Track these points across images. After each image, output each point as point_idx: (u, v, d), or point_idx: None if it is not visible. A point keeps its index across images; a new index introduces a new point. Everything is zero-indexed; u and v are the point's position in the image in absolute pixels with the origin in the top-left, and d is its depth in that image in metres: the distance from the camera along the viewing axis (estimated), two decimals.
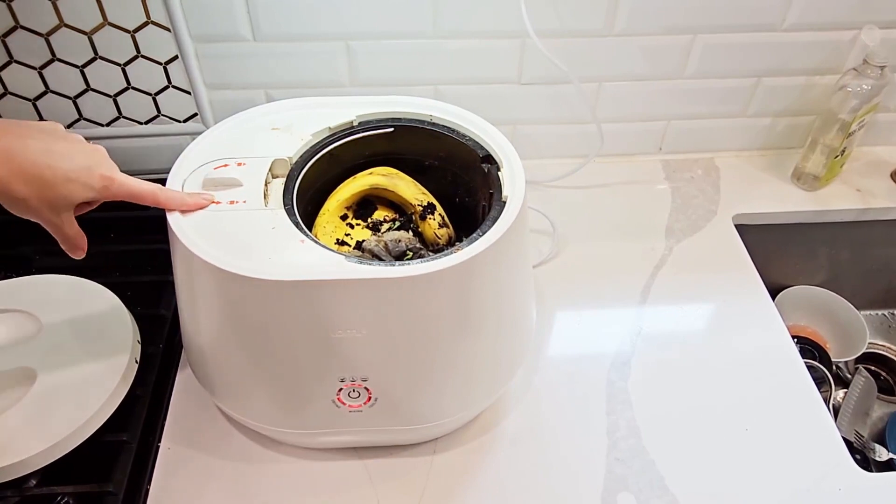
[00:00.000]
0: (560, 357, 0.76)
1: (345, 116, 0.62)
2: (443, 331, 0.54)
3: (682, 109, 0.95)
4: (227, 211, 0.53)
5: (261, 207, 0.54)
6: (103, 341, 0.67)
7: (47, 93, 0.83)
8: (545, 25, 0.82)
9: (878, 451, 0.87)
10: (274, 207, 0.55)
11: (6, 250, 0.81)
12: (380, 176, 0.63)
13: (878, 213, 0.96)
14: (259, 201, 0.53)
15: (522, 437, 0.69)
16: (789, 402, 0.72)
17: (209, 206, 0.53)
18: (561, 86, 0.89)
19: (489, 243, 0.51)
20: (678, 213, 0.93)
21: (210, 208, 0.53)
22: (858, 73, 0.87)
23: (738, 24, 0.86)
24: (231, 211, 0.53)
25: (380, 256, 0.59)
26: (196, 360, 0.62)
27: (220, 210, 0.53)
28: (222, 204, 0.53)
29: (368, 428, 0.61)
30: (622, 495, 0.64)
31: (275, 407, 0.59)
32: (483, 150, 0.61)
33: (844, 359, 0.99)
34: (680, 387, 0.73)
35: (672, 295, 0.83)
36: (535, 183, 0.95)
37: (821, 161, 0.94)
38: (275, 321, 0.52)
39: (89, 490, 0.60)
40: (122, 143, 0.89)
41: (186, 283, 0.55)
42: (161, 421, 0.68)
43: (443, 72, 0.87)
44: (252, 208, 0.53)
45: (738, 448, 0.68)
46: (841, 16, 0.86)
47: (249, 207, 0.53)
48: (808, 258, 1.02)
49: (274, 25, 0.80)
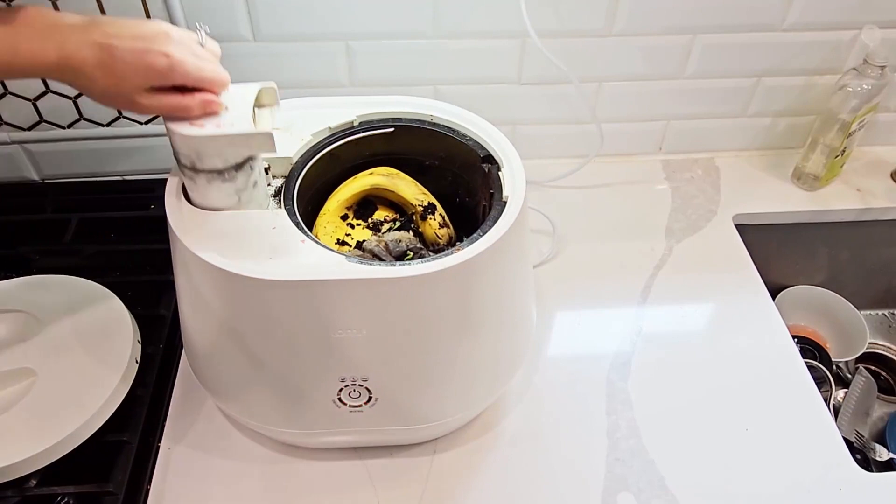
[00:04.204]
0: (560, 357, 0.76)
1: (345, 116, 0.62)
2: (443, 331, 0.54)
3: (681, 109, 0.95)
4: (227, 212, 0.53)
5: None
6: (103, 341, 0.67)
7: (47, 93, 0.83)
8: (545, 25, 0.82)
9: (878, 450, 0.87)
10: (274, 207, 0.55)
11: (6, 250, 0.81)
12: (380, 176, 0.63)
13: (878, 213, 0.96)
14: (248, 125, 0.49)
15: (522, 437, 0.69)
16: (789, 401, 0.72)
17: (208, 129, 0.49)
18: (561, 86, 0.89)
19: (489, 243, 0.51)
20: (678, 213, 0.93)
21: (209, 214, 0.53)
22: (858, 73, 0.87)
23: (737, 24, 0.86)
24: (232, 214, 0.53)
25: (380, 256, 0.59)
26: (196, 360, 0.62)
27: (222, 220, 0.53)
28: (207, 127, 0.49)
29: (368, 428, 0.61)
30: (622, 495, 0.64)
31: (275, 407, 0.59)
32: (483, 150, 0.61)
33: (844, 359, 0.99)
34: (680, 387, 0.73)
35: (672, 295, 0.83)
36: (535, 183, 0.95)
37: (821, 161, 0.94)
38: (275, 321, 0.52)
39: (89, 490, 0.60)
40: (123, 143, 0.89)
41: (186, 283, 0.55)
42: (161, 421, 0.68)
43: (443, 72, 0.87)
44: (242, 131, 0.49)
45: (739, 448, 0.68)
46: (841, 16, 0.86)
47: (239, 131, 0.49)
48: (808, 258, 1.02)
49: (274, 25, 0.80)
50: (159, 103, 0.48)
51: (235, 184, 0.51)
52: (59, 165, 0.91)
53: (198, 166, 0.50)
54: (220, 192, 0.52)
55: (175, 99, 0.47)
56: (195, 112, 0.48)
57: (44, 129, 0.87)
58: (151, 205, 0.84)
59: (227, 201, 0.52)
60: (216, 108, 0.49)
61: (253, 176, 0.52)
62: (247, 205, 0.53)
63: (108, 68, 0.46)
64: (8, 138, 0.87)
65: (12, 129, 0.87)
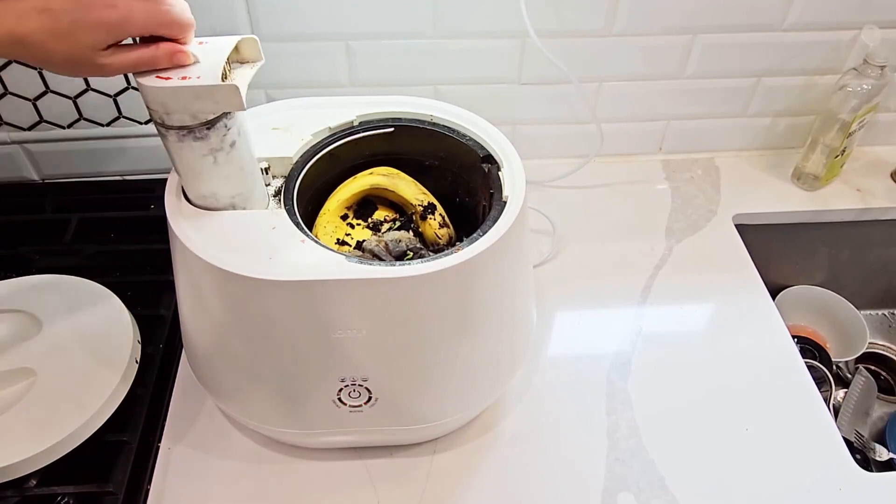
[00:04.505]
0: (560, 357, 0.76)
1: (345, 116, 0.62)
2: (443, 331, 0.54)
3: (681, 109, 0.95)
4: (227, 212, 0.53)
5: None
6: (103, 341, 0.67)
7: (47, 92, 0.83)
8: (545, 25, 0.82)
9: (878, 450, 0.87)
10: (274, 207, 0.55)
11: (6, 250, 0.81)
12: (380, 176, 0.63)
13: (878, 213, 0.96)
14: (215, 78, 0.46)
15: (522, 437, 0.69)
16: (789, 401, 0.72)
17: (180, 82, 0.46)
18: (561, 86, 0.89)
19: (489, 243, 0.51)
20: (678, 213, 0.93)
21: (209, 214, 0.53)
22: (858, 73, 0.87)
23: (737, 24, 0.86)
24: (232, 214, 0.53)
25: (380, 256, 0.59)
26: (196, 360, 0.62)
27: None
28: (173, 80, 0.46)
29: (368, 428, 0.61)
30: (622, 495, 0.64)
31: (275, 407, 0.59)
32: (483, 150, 0.61)
33: (844, 359, 0.99)
34: (680, 387, 0.73)
35: (672, 295, 0.83)
36: (535, 183, 0.95)
37: (821, 161, 0.94)
38: (275, 321, 0.52)
39: (89, 490, 0.60)
40: (122, 143, 0.89)
41: (186, 283, 0.55)
42: (161, 421, 0.68)
43: (443, 72, 0.87)
44: (207, 83, 0.46)
45: (739, 448, 0.68)
46: (841, 16, 0.86)
47: (204, 83, 0.46)
48: (808, 258, 1.02)
49: (274, 25, 0.80)
50: (124, 60, 0.45)
51: (209, 143, 0.49)
52: (59, 165, 0.91)
53: (167, 122, 0.47)
54: (192, 151, 0.49)
55: (138, 52, 0.45)
56: (163, 63, 0.45)
57: (44, 129, 0.87)
58: (151, 205, 0.84)
59: (203, 163, 0.50)
60: (184, 58, 0.46)
61: (229, 136, 0.50)
62: (224, 166, 0.51)
63: (57, 33, 0.43)
64: (8, 138, 0.87)
65: (12, 129, 0.87)
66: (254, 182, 0.54)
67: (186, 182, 0.52)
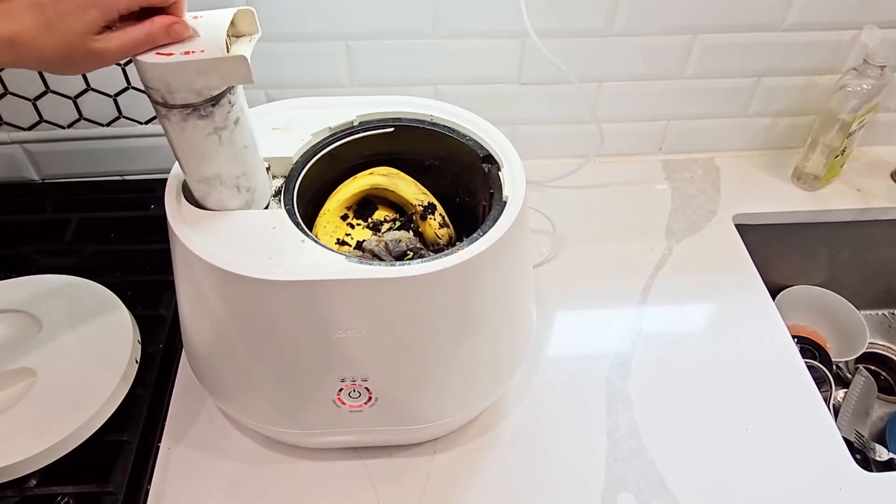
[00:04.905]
0: (560, 357, 0.76)
1: (345, 116, 0.62)
2: (443, 331, 0.54)
3: (681, 109, 0.95)
4: (227, 212, 0.53)
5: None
6: (103, 341, 0.67)
7: (47, 92, 0.83)
8: (545, 25, 0.82)
9: (878, 450, 0.87)
10: (274, 207, 0.55)
11: (6, 250, 0.81)
12: (380, 176, 0.63)
13: (878, 213, 0.96)
14: (219, 50, 0.45)
15: (522, 437, 0.69)
16: (789, 401, 0.72)
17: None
18: (561, 86, 0.89)
19: (489, 243, 0.51)
20: (678, 213, 0.93)
21: (210, 214, 0.53)
22: (858, 73, 0.87)
23: (737, 24, 0.86)
24: (232, 214, 0.53)
25: (380, 256, 0.59)
26: (196, 360, 0.62)
27: (221, 218, 0.53)
28: (175, 55, 0.45)
29: (368, 428, 0.61)
30: (622, 495, 0.64)
31: (275, 407, 0.59)
32: (483, 150, 0.61)
33: (844, 359, 0.99)
34: (680, 387, 0.73)
35: (672, 295, 0.83)
36: (535, 183, 0.95)
37: (821, 161, 0.94)
38: (275, 321, 0.52)
39: (89, 490, 0.60)
40: (122, 143, 0.89)
41: (186, 283, 0.55)
42: (161, 421, 0.68)
43: (443, 72, 0.87)
44: (212, 55, 0.45)
45: (739, 448, 0.68)
46: (841, 16, 0.86)
47: (209, 56, 0.45)
48: (808, 258, 1.02)
49: (274, 25, 0.80)
50: (119, 41, 0.43)
51: (213, 121, 0.47)
52: (59, 165, 0.91)
53: (169, 101, 0.45)
54: (197, 131, 0.47)
55: (133, 30, 0.43)
56: (161, 38, 0.44)
57: (44, 129, 0.87)
58: (151, 205, 0.84)
59: (208, 143, 0.48)
60: (182, 29, 0.44)
61: (234, 112, 0.48)
62: (229, 145, 0.49)
63: (46, 25, 0.41)
64: (8, 138, 0.87)
65: (12, 129, 0.87)
66: (257, 160, 0.53)
67: (188, 166, 0.50)
